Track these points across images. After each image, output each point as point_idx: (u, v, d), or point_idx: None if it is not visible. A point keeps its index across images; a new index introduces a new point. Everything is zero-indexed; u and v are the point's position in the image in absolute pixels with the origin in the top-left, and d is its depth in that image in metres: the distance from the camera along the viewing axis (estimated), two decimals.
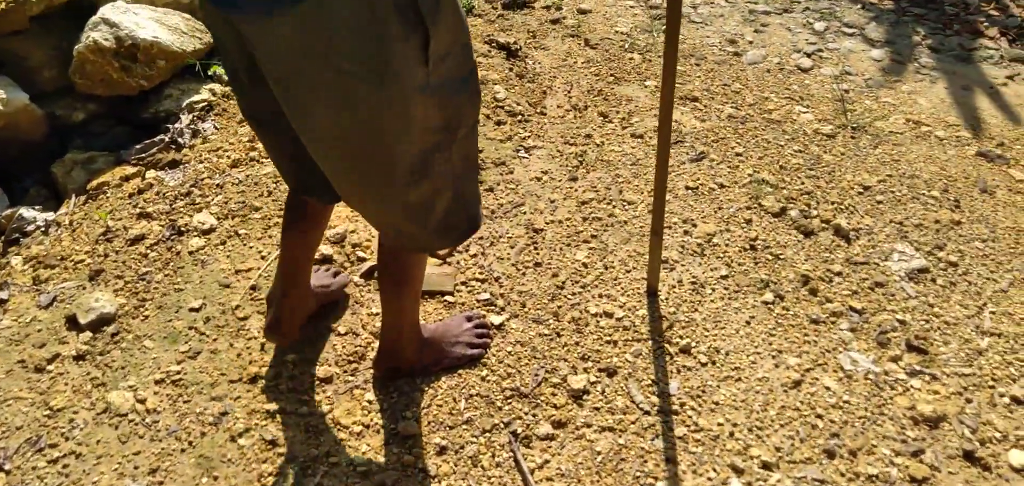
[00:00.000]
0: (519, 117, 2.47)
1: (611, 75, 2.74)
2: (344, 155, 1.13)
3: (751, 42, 3.01)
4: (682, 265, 1.95)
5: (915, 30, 3.08)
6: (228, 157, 2.25)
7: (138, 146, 2.50)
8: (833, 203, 2.15)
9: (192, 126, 2.59)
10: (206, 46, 2.85)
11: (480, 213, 1.36)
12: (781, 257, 1.97)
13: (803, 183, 2.22)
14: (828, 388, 1.67)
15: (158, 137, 2.52)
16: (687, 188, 2.18)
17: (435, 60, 1.05)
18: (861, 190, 2.20)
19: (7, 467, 1.50)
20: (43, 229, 2.17)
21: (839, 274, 1.94)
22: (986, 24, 3.09)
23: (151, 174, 2.23)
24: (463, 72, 1.13)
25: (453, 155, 1.20)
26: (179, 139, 2.53)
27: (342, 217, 2.02)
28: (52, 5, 2.58)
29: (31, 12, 2.52)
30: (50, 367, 1.70)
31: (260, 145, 2.27)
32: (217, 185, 2.15)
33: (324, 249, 1.92)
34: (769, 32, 3.09)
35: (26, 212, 2.23)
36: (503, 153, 2.30)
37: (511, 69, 2.73)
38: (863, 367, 1.72)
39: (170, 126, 2.58)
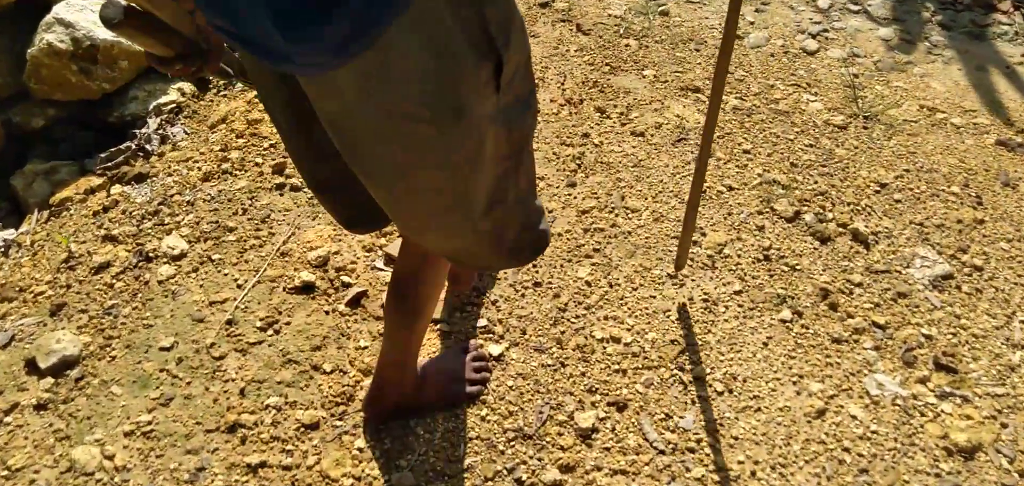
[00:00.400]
0: None
1: (606, 64, 2.58)
2: (412, 198, 1.04)
3: (752, 23, 2.85)
4: (693, 280, 1.81)
5: (924, 5, 2.94)
6: (199, 168, 2.09)
7: (103, 154, 2.32)
8: (849, 204, 2.02)
9: (160, 131, 2.41)
10: None
11: (548, 227, 1.26)
12: (797, 268, 1.84)
13: (816, 182, 2.08)
14: (854, 417, 1.55)
15: (124, 144, 2.35)
16: None
17: (505, 85, 0.96)
18: (877, 188, 2.07)
19: None
20: (2, 250, 2.00)
21: (859, 285, 1.81)
22: None
23: (116, 190, 2.06)
24: (527, 91, 1.05)
25: (520, 178, 1.11)
26: (147, 146, 2.36)
27: (325, 237, 1.87)
28: (1, 5, 2.39)
29: None
30: (8, 419, 1.55)
31: (232, 155, 2.11)
32: (187, 202, 1.98)
33: (304, 275, 1.77)
34: (771, 11, 2.94)
35: None
36: None
37: None
38: (890, 391, 1.60)
39: (137, 131, 2.41)
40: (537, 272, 1.82)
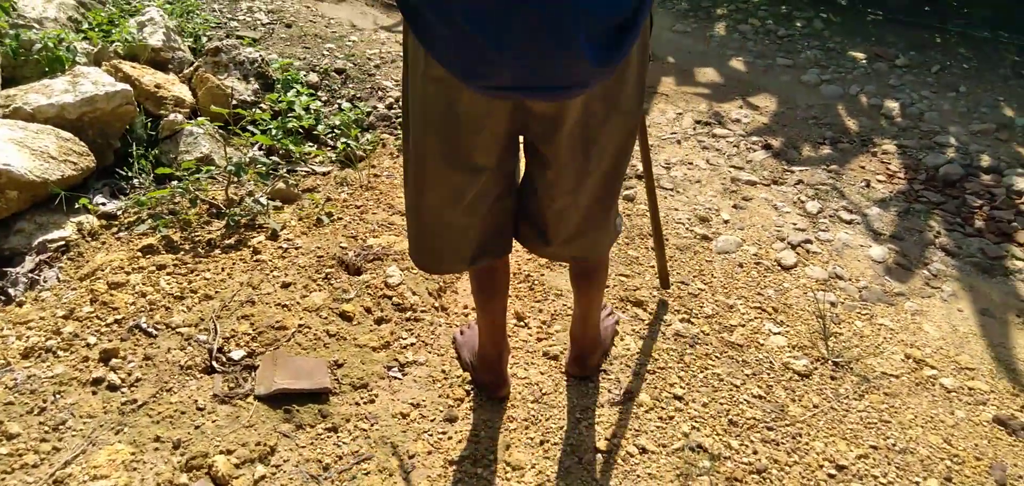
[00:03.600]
0: (410, 313, 1.97)
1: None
2: (605, 186, 1.31)
3: (727, 221, 2.51)
4: None
5: (928, 224, 2.56)
6: (26, 338, 1.78)
7: None
8: None
9: (32, 274, 2.15)
10: (81, 173, 2.43)
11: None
12: None
13: (756, 453, 1.67)
14: None
15: None
16: (597, 450, 1.65)
17: None
18: (833, 470, 1.66)
19: None
20: None
21: None
22: (1017, 225, 2.55)
23: None
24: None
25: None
26: (11, 289, 2.09)
27: (117, 464, 1.51)
28: None
29: None
30: None
31: (67, 328, 1.81)
32: None
33: None
34: (751, 209, 2.59)
35: None
36: (370, 368, 1.80)
37: None
38: None
39: (9, 270, 2.15)
40: None
